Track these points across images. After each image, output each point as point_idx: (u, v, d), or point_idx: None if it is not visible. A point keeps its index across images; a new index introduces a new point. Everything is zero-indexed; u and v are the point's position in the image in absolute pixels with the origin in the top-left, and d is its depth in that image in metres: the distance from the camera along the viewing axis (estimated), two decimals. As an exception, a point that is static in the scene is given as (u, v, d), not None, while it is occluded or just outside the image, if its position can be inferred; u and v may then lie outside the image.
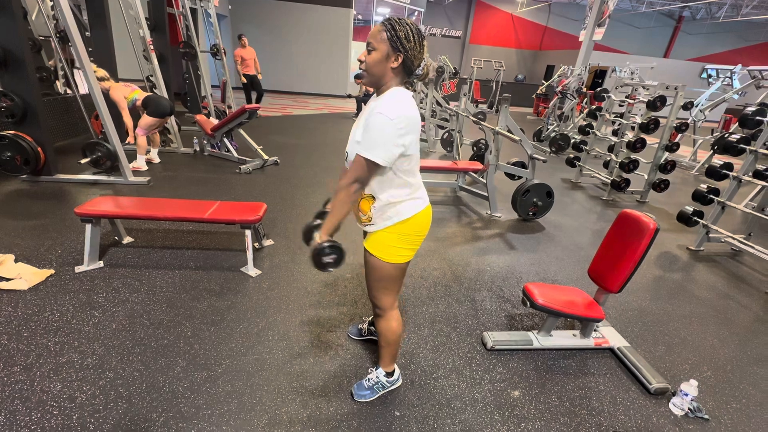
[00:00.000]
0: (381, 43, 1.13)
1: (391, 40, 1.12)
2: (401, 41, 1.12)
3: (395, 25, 1.12)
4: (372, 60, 1.15)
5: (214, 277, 2.30)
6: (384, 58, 1.14)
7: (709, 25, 17.69)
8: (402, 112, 1.13)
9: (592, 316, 1.87)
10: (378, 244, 1.32)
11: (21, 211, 2.95)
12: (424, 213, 1.33)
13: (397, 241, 1.30)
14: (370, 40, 1.14)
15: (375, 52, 1.14)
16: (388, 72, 1.16)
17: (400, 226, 1.29)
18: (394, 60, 1.14)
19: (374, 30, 1.14)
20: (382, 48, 1.13)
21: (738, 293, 2.75)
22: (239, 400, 1.51)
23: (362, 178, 1.18)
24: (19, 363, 1.58)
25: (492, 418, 1.55)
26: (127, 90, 3.97)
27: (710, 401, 1.74)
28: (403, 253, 1.33)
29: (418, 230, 1.32)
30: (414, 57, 1.15)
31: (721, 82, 7.90)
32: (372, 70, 1.16)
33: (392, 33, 1.11)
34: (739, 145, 3.29)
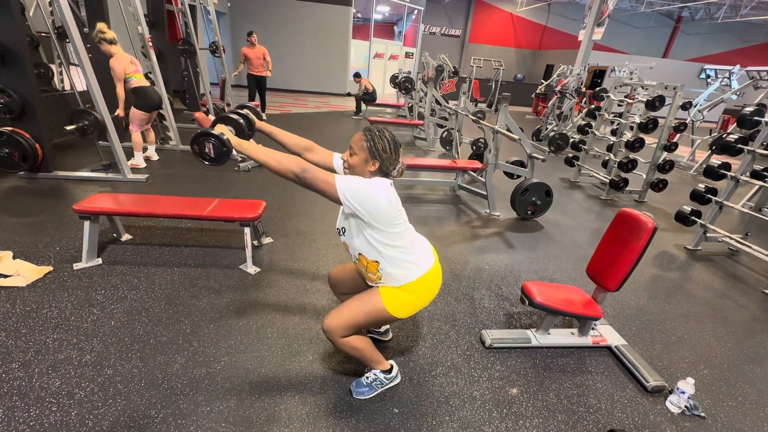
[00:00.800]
0: (361, 150, 1.29)
1: (370, 149, 1.28)
2: (378, 152, 1.29)
3: (374, 138, 1.28)
4: (353, 162, 1.32)
5: (213, 275, 2.30)
6: (363, 162, 1.30)
7: (708, 26, 17.73)
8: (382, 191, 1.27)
9: (590, 315, 1.88)
10: (391, 294, 1.38)
11: (19, 207, 2.94)
12: (432, 273, 1.41)
13: (406, 299, 1.38)
14: (353, 145, 1.31)
15: (356, 156, 1.31)
16: (367, 173, 1.32)
17: (410, 287, 1.38)
18: (371, 165, 1.30)
19: (357, 137, 1.31)
20: (362, 154, 1.29)
21: (735, 292, 2.76)
22: (238, 397, 1.51)
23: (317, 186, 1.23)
24: (18, 359, 1.58)
25: (490, 415, 1.55)
26: (130, 67, 3.80)
27: (707, 399, 1.75)
28: (406, 310, 1.40)
29: (426, 292, 1.40)
30: (389, 164, 1.32)
31: (720, 82, 7.92)
32: (353, 170, 1.33)
33: (372, 143, 1.28)
34: (737, 145, 3.30)
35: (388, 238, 1.31)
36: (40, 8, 3.80)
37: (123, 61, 3.72)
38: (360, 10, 13.42)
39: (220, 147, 1.32)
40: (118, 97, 3.78)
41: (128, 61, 3.79)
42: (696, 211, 3.52)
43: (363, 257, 1.37)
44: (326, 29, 11.96)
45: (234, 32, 11.91)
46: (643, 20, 17.96)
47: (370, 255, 1.35)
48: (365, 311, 1.39)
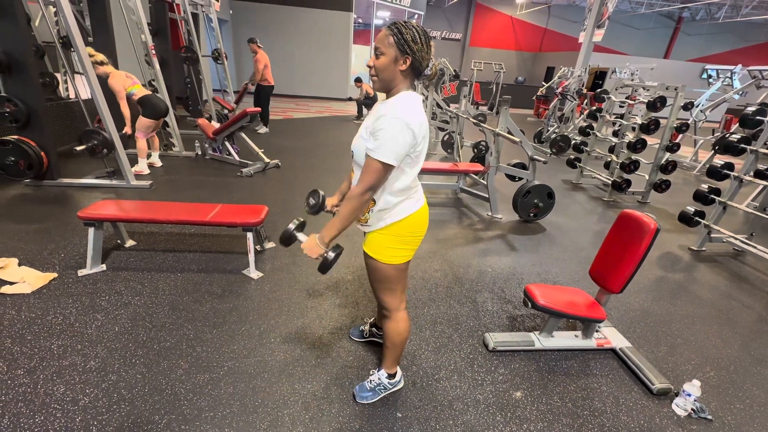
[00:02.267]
0: (389, 47, 1.14)
1: (399, 43, 1.13)
2: (408, 44, 1.13)
3: (401, 29, 1.13)
4: (381, 64, 1.16)
5: (216, 280, 2.31)
6: (392, 62, 1.15)
7: (708, 26, 17.71)
8: (417, 117, 1.15)
9: (594, 317, 1.87)
10: (375, 246, 1.33)
11: (24, 215, 2.97)
12: (419, 213, 1.33)
13: (393, 242, 1.31)
14: (378, 45, 1.16)
15: (383, 57, 1.15)
16: (398, 75, 1.18)
17: (394, 227, 1.30)
18: (402, 63, 1.15)
19: (381, 35, 1.16)
20: (390, 52, 1.14)
21: (740, 293, 2.74)
22: (241, 402, 1.51)
23: (376, 184, 1.18)
24: (23, 366, 1.59)
25: (494, 419, 1.54)
26: (128, 81, 3.89)
27: (713, 402, 1.73)
28: (400, 254, 1.33)
29: (412, 230, 1.32)
30: (422, 58, 1.17)
31: (722, 82, 7.90)
32: (382, 74, 1.18)
33: (399, 37, 1.13)
34: (740, 145, 3.29)
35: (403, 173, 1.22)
36: (45, 18, 3.86)
37: (119, 79, 3.83)
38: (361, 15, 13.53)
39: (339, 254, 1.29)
40: (123, 115, 3.88)
41: (124, 77, 3.90)
42: (699, 212, 3.50)
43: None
44: (327, 35, 12.05)
45: (236, 39, 12.02)
46: (643, 21, 17.97)
47: None
48: (377, 277, 1.38)
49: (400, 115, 1.12)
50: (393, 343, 1.48)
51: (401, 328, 1.45)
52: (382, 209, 1.28)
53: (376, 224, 1.31)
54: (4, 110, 3.23)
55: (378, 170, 1.15)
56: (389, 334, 1.47)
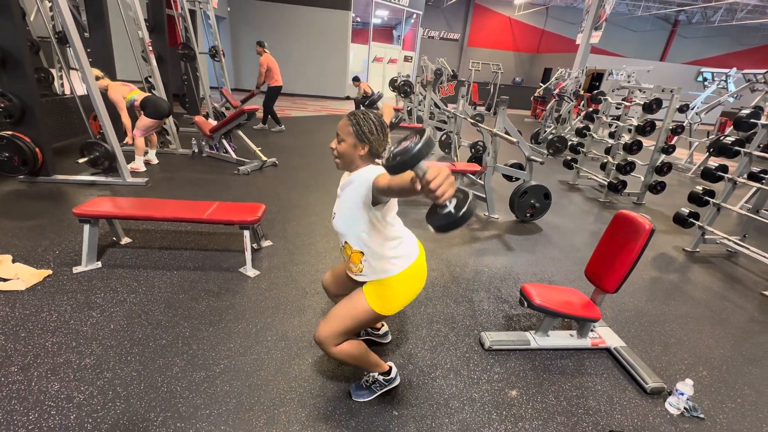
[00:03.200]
0: (348, 135, 1.25)
1: (356, 133, 1.24)
2: (365, 134, 1.24)
3: (360, 121, 1.24)
4: (342, 149, 1.27)
5: (213, 278, 2.30)
6: (352, 147, 1.26)
7: (704, 29, 17.86)
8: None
9: (589, 317, 1.89)
10: (374, 291, 1.36)
11: (19, 211, 2.94)
12: (414, 267, 1.37)
13: (390, 294, 1.35)
14: (339, 132, 1.27)
15: (344, 143, 1.26)
16: (357, 158, 1.28)
17: (393, 281, 1.35)
18: (361, 149, 1.26)
19: (342, 123, 1.27)
20: (350, 140, 1.25)
21: (733, 294, 2.77)
22: (237, 400, 1.51)
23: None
24: (17, 363, 1.58)
25: (490, 417, 1.55)
26: (125, 90, 3.94)
27: (706, 401, 1.75)
28: (392, 307, 1.37)
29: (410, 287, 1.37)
30: (378, 145, 1.27)
31: (717, 85, 7.97)
32: (343, 157, 1.29)
33: (357, 127, 1.24)
34: (734, 147, 3.32)
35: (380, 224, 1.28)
36: (41, 13, 3.83)
37: (117, 89, 3.88)
38: (359, 14, 13.50)
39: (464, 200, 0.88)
40: (124, 125, 3.93)
41: (121, 86, 3.94)
42: (694, 213, 3.53)
43: (348, 246, 1.35)
44: (326, 33, 12.02)
45: (234, 37, 11.97)
46: (640, 24, 18.09)
47: (355, 245, 1.32)
48: (352, 315, 1.36)
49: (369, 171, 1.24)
50: (354, 362, 1.43)
51: (346, 349, 1.38)
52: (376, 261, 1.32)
53: (370, 276, 1.36)
54: (-1, 105, 3.20)
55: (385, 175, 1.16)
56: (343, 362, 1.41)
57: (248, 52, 12.15)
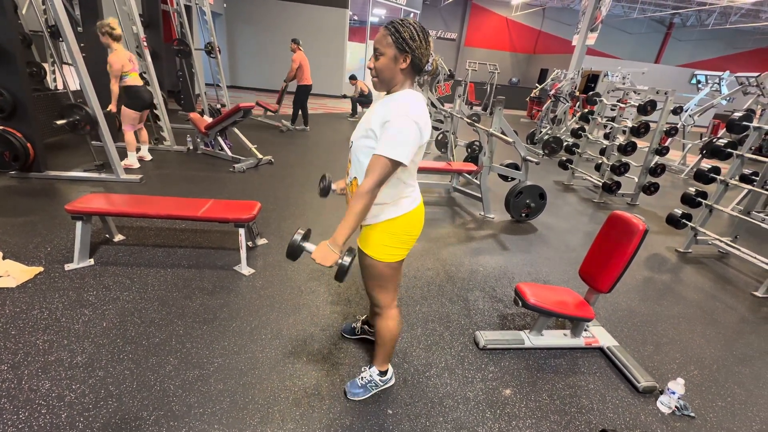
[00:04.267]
0: (387, 47, 1.14)
1: (397, 42, 1.13)
2: (407, 42, 1.13)
3: (399, 27, 1.13)
4: (381, 64, 1.16)
5: (207, 276, 2.29)
6: (392, 61, 1.15)
7: (698, 32, 18.03)
8: (424, 116, 1.17)
9: (583, 316, 1.90)
10: (370, 242, 1.33)
11: (9, 207, 2.90)
12: (415, 212, 1.32)
13: (389, 240, 1.31)
14: (377, 45, 1.16)
15: (383, 57, 1.15)
16: (398, 74, 1.18)
17: (390, 225, 1.29)
18: (402, 61, 1.16)
19: (379, 35, 1.16)
20: (389, 52, 1.14)
21: (724, 294, 2.80)
22: (231, 399, 1.50)
23: (383, 180, 1.16)
24: (7, 361, 1.56)
25: (484, 416, 1.56)
26: (128, 65, 3.78)
27: (697, 399, 1.77)
28: (394, 252, 1.33)
29: (408, 229, 1.32)
30: (421, 55, 1.16)
31: (710, 87, 8.05)
32: (382, 74, 1.18)
33: (397, 36, 1.12)
34: (727, 149, 3.36)
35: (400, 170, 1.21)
36: (33, 6, 3.77)
37: (122, 58, 3.70)
38: (356, 12, 13.46)
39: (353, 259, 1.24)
40: (111, 93, 3.75)
41: (126, 59, 3.76)
42: (687, 215, 3.57)
43: (356, 182, 1.26)
44: (322, 31, 11.97)
45: (230, 33, 11.88)
46: (635, 26, 18.22)
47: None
48: (369, 274, 1.38)
49: (412, 115, 1.13)
50: (384, 340, 1.49)
51: (392, 326, 1.46)
52: (380, 203, 1.26)
53: (372, 219, 1.30)
54: (-11, 100, 3.15)
55: (388, 167, 1.14)
56: (381, 332, 1.47)
57: (244, 49, 12.08)
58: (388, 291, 1.42)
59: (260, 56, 11.91)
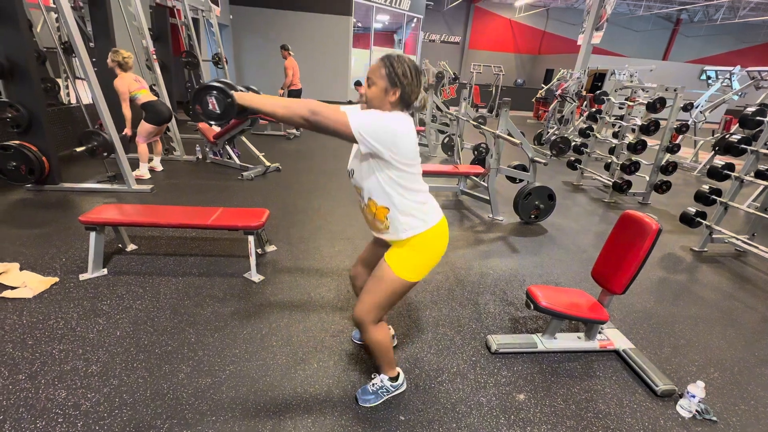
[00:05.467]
0: (380, 78, 1.20)
1: (389, 75, 1.19)
2: (399, 77, 1.18)
3: (394, 62, 1.19)
4: (372, 93, 1.22)
5: (218, 284, 2.30)
6: (383, 92, 1.20)
7: (707, 28, 17.78)
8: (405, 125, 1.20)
9: (597, 318, 1.87)
10: (397, 257, 1.34)
11: (26, 219, 2.97)
12: (440, 227, 1.35)
13: (416, 257, 1.34)
14: (371, 75, 1.21)
15: (375, 87, 1.21)
16: (387, 105, 1.22)
17: (418, 241, 1.32)
18: (392, 94, 1.21)
19: (374, 66, 1.21)
20: (381, 83, 1.20)
21: (743, 294, 2.73)
22: (243, 407, 1.50)
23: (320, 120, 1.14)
24: (24, 371, 1.59)
25: (497, 421, 1.53)
26: (134, 84, 3.87)
27: (718, 403, 1.72)
28: (417, 271, 1.36)
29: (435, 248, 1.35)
30: (411, 92, 1.22)
31: (721, 83, 7.91)
32: (371, 102, 1.23)
33: (391, 69, 1.18)
34: (740, 145, 3.29)
35: (403, 178, 1.24)
36: (47, 24, 3.89)
37: (126, 81, 3.81)
38: (360, 19, 13.59)
39: (224, 98, 1.19)
40: (124, 117, 3.85)
41: (132, 80, 3.86)
42: (701, 213, 3.49)
43: (373, 203, 1.30)
44: (327, 39, 12.10)
45: (236, 44, 12.07)
46: (641, 23, 18.05)
47: (380, 201, 1.28)
48: (381, 287, 1.35)
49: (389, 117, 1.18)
50: (378, 351, 1.46)
51: (380, 336, 1.42)
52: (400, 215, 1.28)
53: (397, 234, 1.32)
54: (6, 115, 3.24)
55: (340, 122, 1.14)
56: (371, 346, 1.44)
57: (251, 59, 12.25)
58: (384, 310, 1.40)
59: (266, 65, 12.06)
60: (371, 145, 1.15)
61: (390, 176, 1.23)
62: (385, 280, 1.35)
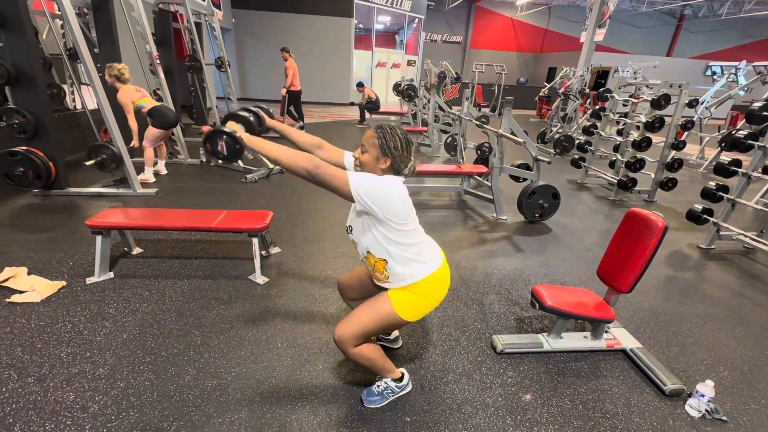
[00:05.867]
0: (372, 147, 1.28)
1: (382, 146, 1.27)
2: (390, 149, 1.27)
3: (386, 135, 1.27)
4: (364, 159, 1.31)
5: (223, 286, 2.32)
6: (374, 159, 1.29)
7: (711, 23, 17.60)
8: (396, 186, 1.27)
9: (603, 317, 1.85)
10: (400, 295, 1.37)
11: (33, 224, 3.00)
12: (440, 272, 1.39)
13: (416, 299, 1.37)
14: (364, 142, 1.30)
15: (367, 154, 1.29)
16: (378, 170, 1.30)
17: (417, 286, 1.36)
18: (383, 162, 1.29)
19: (368, 134, 1.29)
20: (373, 151, 1.28)
21: (752, 291, 2.69)
22: (249, 408, 1.51)
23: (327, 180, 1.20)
24: (33, 374, 1.60)
25: (504, 422, 1.53)
26: (136, 95, 3.91)
27: (728, 402, 1.70)
28: (416, 312, 1.39)
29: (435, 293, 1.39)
30: (401, 162, 1.30)
31: (726, 78, 7.83)
32: (365, 167, 1.32)
33: (383, 141, 1.26)
34: (747, 141, 3.25)
35: (398, 235, 1.29)
36: (52, 31, 3.93)
37: (128, 93, 3.85)
38: (361, 20, 13.61)
39: (233, 144, 1.28)
40: (131, 128, 3.90)
41: (133, 90, 3.91)
42: (708, 210, 3.45)
43: (371, 256, 1.35)
44: (329, 41, 12.14)
45: (239, 47, 12.15)
46: (644, 20, 17.91)
47: (378, 253, 1.33)
48: (375, 318, 1.37)
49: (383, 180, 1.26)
50: (368, 364, 1.44)
51: (364, 351, 1.40)
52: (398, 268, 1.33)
53: (397, 283, 1.37)
54: (13, 122, 3.28)
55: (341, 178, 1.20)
56: (359, 363, 1.42)
57: (253, 62, 12.32)
58: (368, 335, 1.40)
59: (268, 68, 12.12)
60: (367, 205, 1.22)
61: (384, 233, 1.29)
62: (382, 312, 1.37)
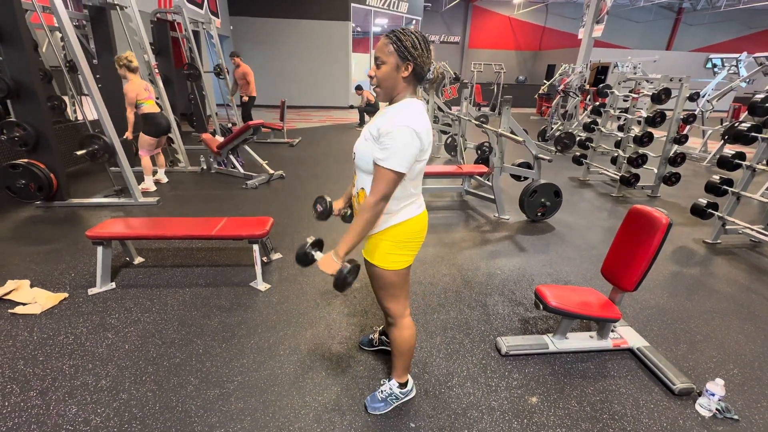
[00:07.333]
0: (389, 55, 1.14)
1: (399, 51, 1.13)
2: (408, 50, 1.13)
3: (400, 36, 1.13)
4: (382, 73, 1.16)
5: (224, 293, 2.31)
6: (394, 70, 1.15)
7: (710, 15, 17.51)
8: (423, 124, 1.17)
9: (609, 317, 1.82)
10: (375, 252, 1.32)
11: (35, 236, 3.01)
12: (419, 218, 1.32)
13: (392, 247, 1.30)
14: (378, 54, 1.15)
15: (384, 66, 1.15)
16: (400, 82, 1.17)
17: (393, 231, 1.28)
18: (404, 70, 1.15)
19: (380, 44, 1.15)
20: (391, 60, 1.14)
21: (761, 286, 2.65)
22: (252, 417, 1.49)
23: (388, 193, 1.17)
24: (35, 387, 1.60)
25: (510, 426, 1.50)
26: (143, 93, 3.88)
27: (739, 400, 1.67)
28: (399, 260, 1.32)
29: (411, 235, 1.31)
30: (423, 63, 1.16)
31: (727, 71, 7.77)
32: (384, 83, 1.18)
33: (399, 44, 1.12)
34: (750, 133, 3.21)
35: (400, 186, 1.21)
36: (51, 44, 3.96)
37: (137, 87, 3.81)
38: (359, 24, 13.65)
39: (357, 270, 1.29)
40: (127, 121, 3.86)
41: (142, 88, 3.87)
42: (712, 204, 3.41)
43: (363, 193, 1.26)
44: (327, 45, 12.18)
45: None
46: (642, 14, 17.85)
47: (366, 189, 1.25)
48: (377, 286, 1.38)
49: (408, 123, 1.12)
50: (400, 351, 1.46)
51: (407, 336, 1.44)
52: (385, 213, 1.25)
53: (375, 228, 1.29)
54: (14, 135, 3.30)
55: (390, 179, 1.15)
56: (397, 342, 1.45)
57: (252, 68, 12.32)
58: (399, 299, 1.40)
59: (267, 74, 12.16)
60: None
61: None
62: (377, 278, 1.36)
